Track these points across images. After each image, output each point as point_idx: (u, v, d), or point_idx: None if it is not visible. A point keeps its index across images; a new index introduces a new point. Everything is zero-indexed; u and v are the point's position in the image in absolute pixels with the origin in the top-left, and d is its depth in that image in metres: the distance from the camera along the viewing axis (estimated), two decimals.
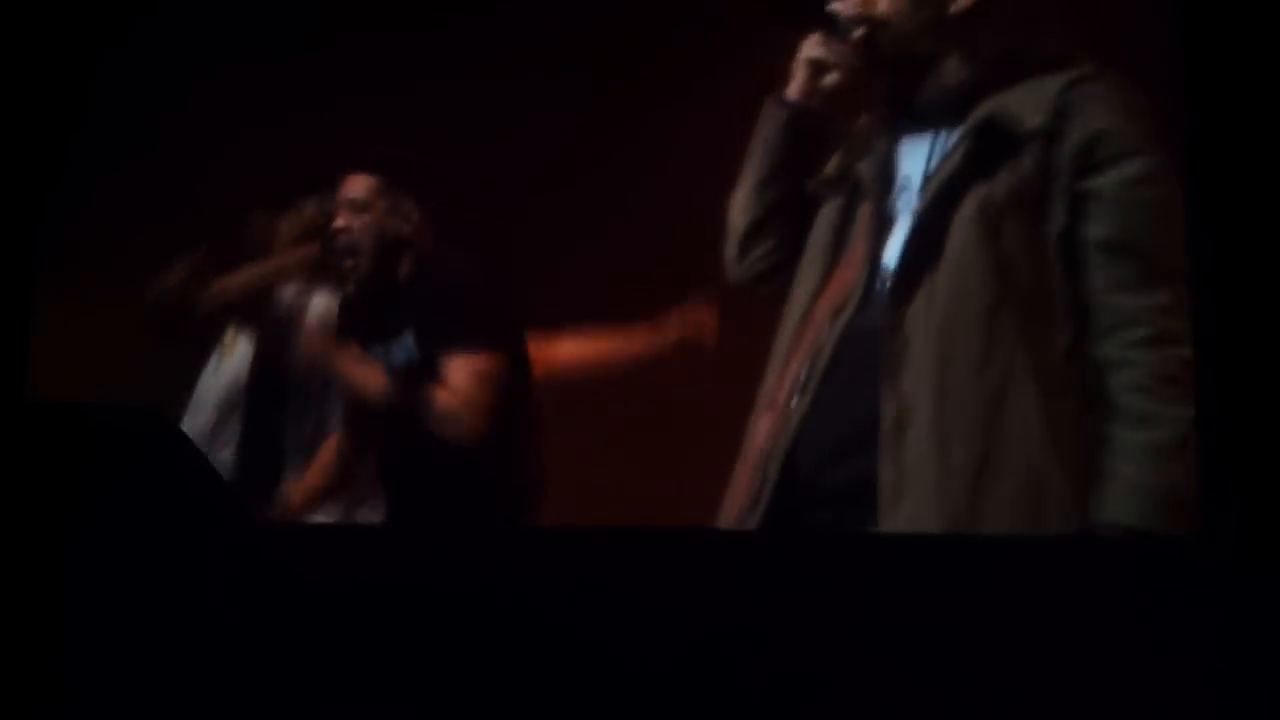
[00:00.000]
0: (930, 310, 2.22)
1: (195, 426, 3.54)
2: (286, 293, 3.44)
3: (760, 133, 2.44)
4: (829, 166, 2.45)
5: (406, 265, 3.16)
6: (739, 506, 2.31)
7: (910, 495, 2.18)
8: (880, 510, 2.19)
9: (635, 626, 2.23)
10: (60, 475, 2.39)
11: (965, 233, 2.22)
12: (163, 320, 3.38)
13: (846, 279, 2.32)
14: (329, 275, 3.32)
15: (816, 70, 2.38)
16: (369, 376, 3.10)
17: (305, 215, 3.44)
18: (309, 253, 3.35)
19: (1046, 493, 2.16)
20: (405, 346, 3.10)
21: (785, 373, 2.33)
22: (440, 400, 3.00)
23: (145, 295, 3.39)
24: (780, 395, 2.31)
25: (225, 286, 3.53)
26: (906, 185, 2.33)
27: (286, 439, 3.34)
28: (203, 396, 3.59)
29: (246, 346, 3.54)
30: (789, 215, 2.45)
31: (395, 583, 2.29)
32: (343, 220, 3.19)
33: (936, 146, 2.31)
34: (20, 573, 2.31)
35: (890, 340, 2.22)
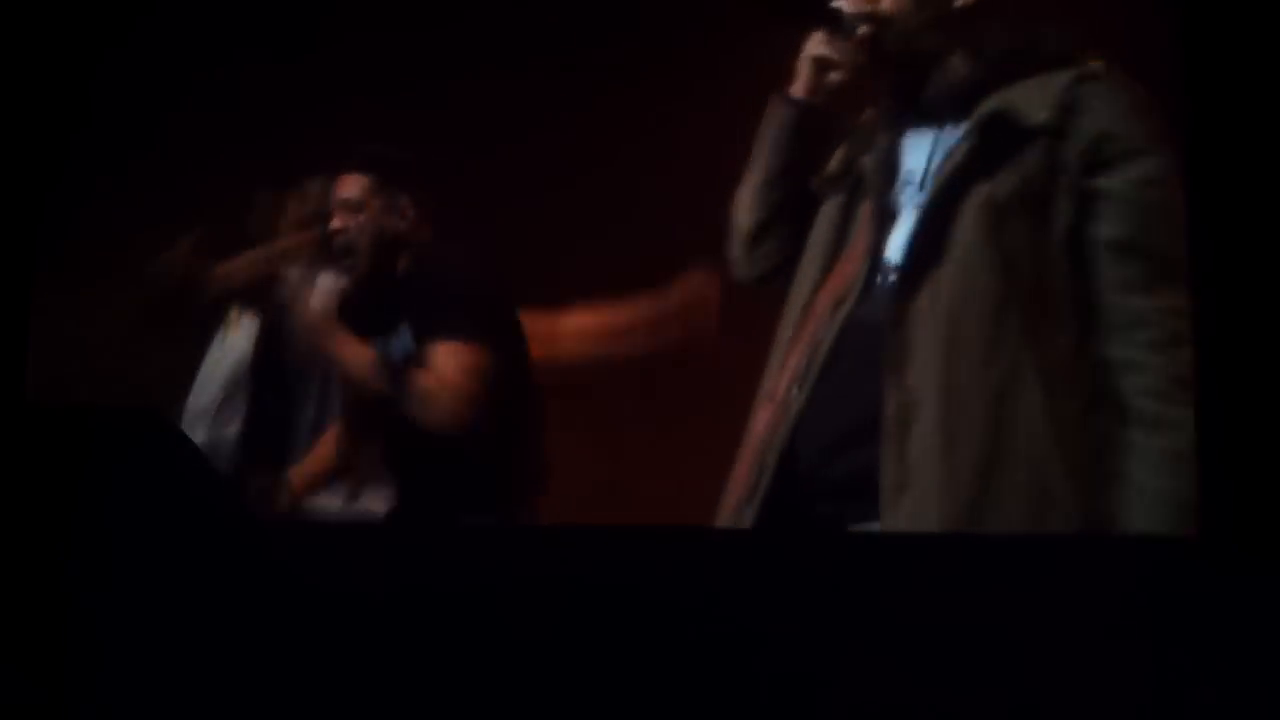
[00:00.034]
0: (935, 305, 2.20)
1: (201, 404, 3.57)
2: (291, 276, 3.44)
3: (765, 131, 2.43)
4: (832, 162, 2.43)
5: (404, 261, 3.16)
6: (737, 498, 2.30)
7: (913, 490, 2.17)
8: (882, 505, 2.18)
9: (635, 627, 2.24)
10: (60, 475, 2.40)
11: (970, 228, 2.21)
12: (163, 299, 3.38)
13: (847, 272, 2.31)
14: (333, 260, 3.31)
15: (821, 68, 2.36)
16: (359, 360, 3.09)
17: (311, 195, 3.44)
18: (313, 237, 3.35)
19: (1049, 491, 2.15)
20: (403, 340, 3.10)
21: (785, 365, 2.32)
22: (421, 384, 3.00)
23: (146, 275, 3.40)
24: (780, 387, 2.30)
25: (229, 271, 3.54)
26: (909, 180, 2.31)
27: (291, 422, 3.35)
28: (209, 373, 3.61)
29: (251, 323, 3.55)
30: (794, 214, 2.43)
31: (394, 582, 2.30)
32: (339, 221, 3.19)
33: (940, 142, 2.30)
34: (21, 573, 2.33)
35: (893, 334, 2.21)
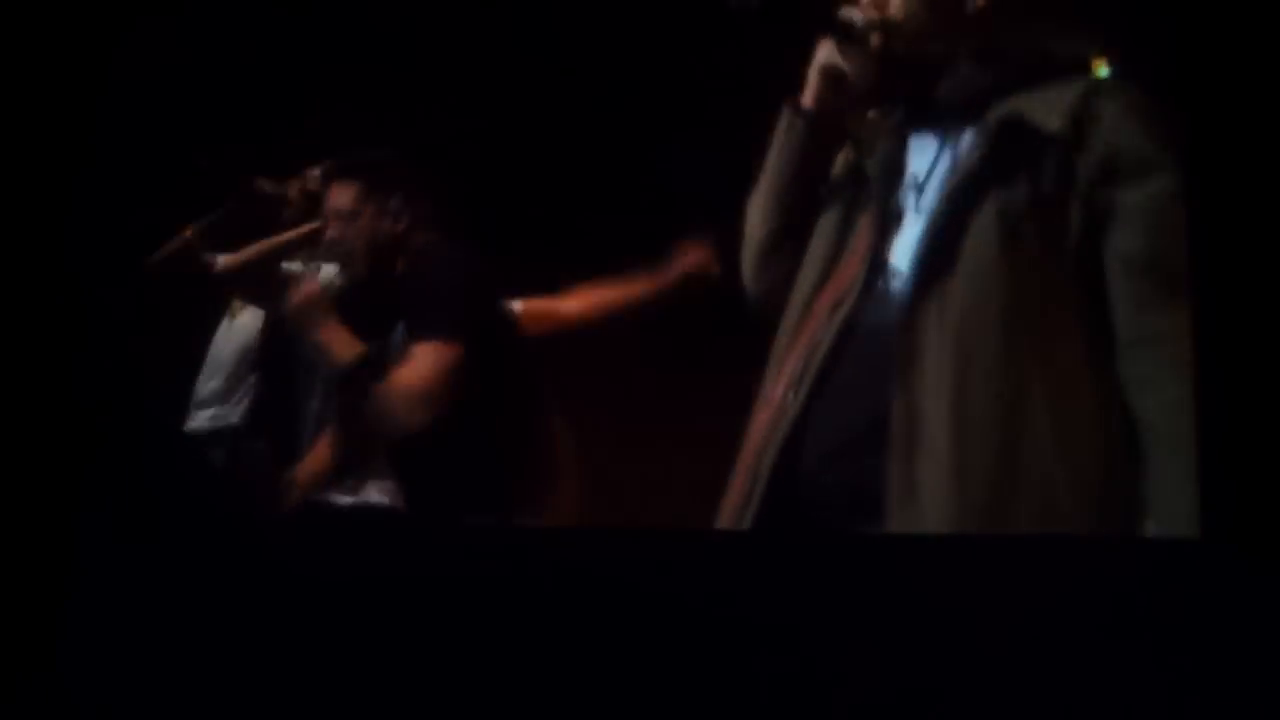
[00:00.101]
0: (944, 315, 2.16)
1: (209, 389, 3.58)
2: (292, 267, 3.44)
3: (777, 141, 2.38)
4: (837, 164, 2.40)
5: (401, 263, 3.15)
6: (734, 503, 2.27)
7: (920, 503, 2.13)
8: (887, 516, 2.14)
9: (635, 627, 2.24)
10: (61, 472, 2.41)
11: (982, 237, 2.17)
12: (166, 285, 3.39)
13: (847, 275, 2.28)
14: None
15: (832, 78, 2.32)
16: (344, 352, 3.07)
17: (312, 179, 3.44)
18: (313, 228, 3.35)
19: (1057, 508, 2.12)
20: (397, 340, 3.08)
21: (782, 367, 2.29)
22: (385, 383, 2.97)
23: (148, 262, 3.40)
24: (777, 390, 2.27)
25: (230, 264, 3.54)
26: (914, 183, 2.28)
27: (297, 413, 3.35)
28: (215, 358, 3.63)
29: (257, 309, 3.56)
30: (806, 224, 2.38)
31: (393, 582, 2.30)
32: (334, 231, 3.18)
33: (947, 146, 2.26)
34: (22, 573, 2.34)
35: (900, 342, 2.17)
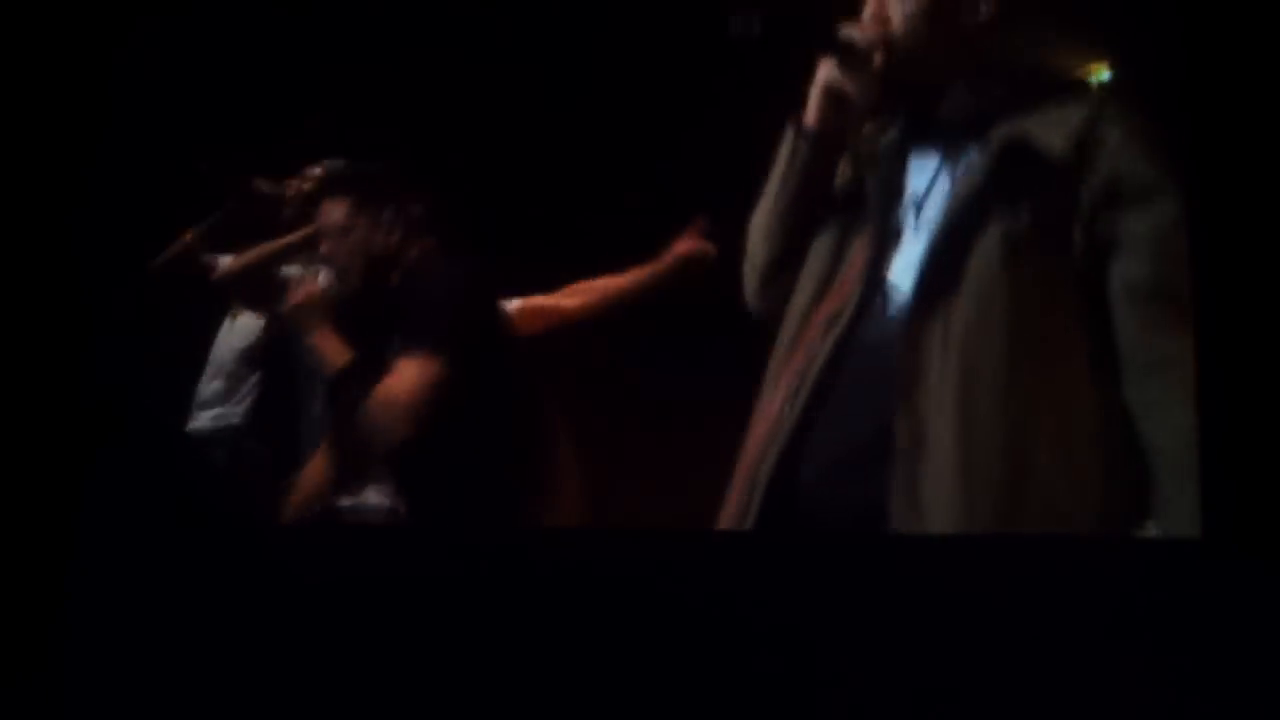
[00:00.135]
0: (948, 335, 2.15)
1: (212, 388, 3.57)
2: (290, 271, 3.44)
3: (781, 162, 2.36)
4: (837, 179, 2.38)
5: (396, 276, 3.09)
6: (731, 515, 2.27)
7: (926, 517, 2.12)
8: (893, 528, 2.14)
9: (636, 627, 2.24)
10: (64, 472, 2.41)
11: (987, 256, 2.16)
12: (168, 288, 3.38)
13: (844, 291, 2.27)
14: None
15: (834, 96, 2.30)
16: (335, 358, 3.04)
17: (311, 177, 3.42)
18: (310, 232, 3.34)
19: (1063, 522, 2.11)
20: (393, 351, 3.05)
21: (779, 382, 2.28)
22: (370, 395, 2.93)
23: (150, 265, 3.39)
24: (774, 403, 2.26)
25: (229, 270, 3.53)
26: (913, 201, 2.27)
27: (300, 416, 3.34)
28: (218, 358, 3.62)
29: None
30: (810, 244, 2.37)
31: (394, 583, 2.30)
32: (327, 248, 3.13)
33: (947, 164, 2.25)
34: (23, 572, 2.34)
35: (903, 361, 2.16)
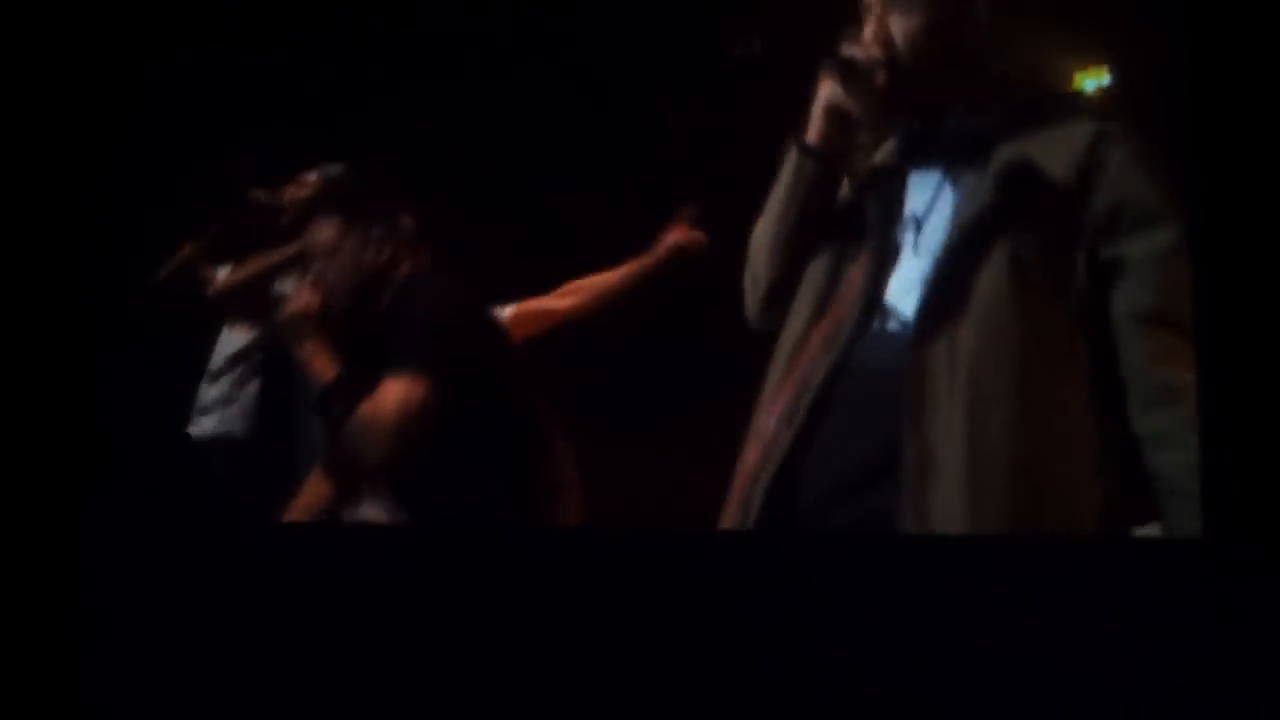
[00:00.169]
0: (954, 359, 2.13)
1: (212, 394, 3.60)
2: (285, 285, 3.45)
3: (784, 182, 2.34)
4: (839, 198, 2.38)
5: (386, 295, 3.09)
6: None
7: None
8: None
9: (636, 627, 2.24)
10: (66, 478, 2.41)
11: (992, 283, 2.15)
12: (165, 302, 3.40)
13: (841, 312, 2.26)
14: None
15: (836, 115, 2.29)
16: (323, 373, 3.04)
17: (308, 184, 3.43)
18: (302, 248, 3.34)
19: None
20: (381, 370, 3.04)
21: (774, 402, 2.26)
22: (356, 413, 2.93)
23: (150, 278, 3.41)
24: (769, 423, 2.25)
25: (224, 287, 3.55)
26: (913, 221, 2.26)
27: (300, 423, 3.34)
28: (218, 365, 3.65)
29: None
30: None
31: (394, 583, 2.30)
32: (317, 266, 3.11)
33: (947, 184, 2.25)
34: (26, 577, 2.33)
35: (910, 386, 2.14)
